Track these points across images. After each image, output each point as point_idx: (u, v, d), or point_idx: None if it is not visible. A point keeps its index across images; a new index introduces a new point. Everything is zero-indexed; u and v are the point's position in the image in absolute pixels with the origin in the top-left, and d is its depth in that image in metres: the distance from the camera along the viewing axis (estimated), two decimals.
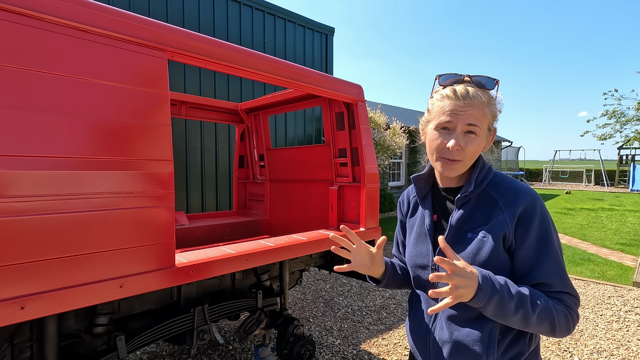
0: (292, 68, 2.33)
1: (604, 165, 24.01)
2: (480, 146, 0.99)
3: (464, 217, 1.01)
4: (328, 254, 3.14)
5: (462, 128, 0.95)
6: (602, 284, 4.86)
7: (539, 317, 0.88)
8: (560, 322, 0.89)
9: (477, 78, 0.97)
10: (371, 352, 3.12)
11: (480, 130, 0.96)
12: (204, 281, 2.31)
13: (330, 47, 8.35)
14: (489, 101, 0.98)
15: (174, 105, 3.45)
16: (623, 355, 3.08)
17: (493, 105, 0.99)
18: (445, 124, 0.97)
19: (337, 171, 3.10)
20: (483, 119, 0.96)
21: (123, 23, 1.58)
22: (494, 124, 1.01)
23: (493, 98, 0.99)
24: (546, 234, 0.94)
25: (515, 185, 0.98)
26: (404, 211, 1.24)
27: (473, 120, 0.94)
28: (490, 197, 0.99)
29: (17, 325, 1.61)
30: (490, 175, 1.02)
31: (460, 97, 0.95)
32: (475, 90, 0.96)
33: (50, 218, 1.35)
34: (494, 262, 0.94)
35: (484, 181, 1.01)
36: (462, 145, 0.95)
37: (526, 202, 0.94)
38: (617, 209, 12.16)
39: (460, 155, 0.97)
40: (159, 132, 1.66)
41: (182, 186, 5.82)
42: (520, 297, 0.87)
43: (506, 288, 0.88)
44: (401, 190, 11.99)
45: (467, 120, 0.94)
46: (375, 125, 8.10)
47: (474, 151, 0.97)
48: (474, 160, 1.00)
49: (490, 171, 1.03)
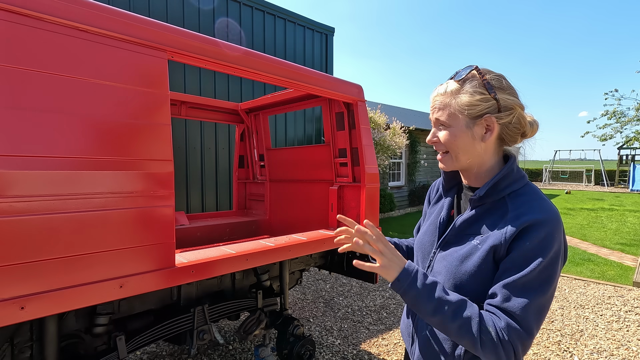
0: (292, 68, 2.33)
1: (604, 165, 24.01)
2: (457, 137, 0.95)
3: (471, 219, 0.98)
4: (328, 254, 3.13)
5: (434, 122, 1.01)
6: (602, 284, 4.86)
7: (460, 331, 0.84)
8: (485, 346, 0.82)
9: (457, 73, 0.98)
10: (371, 352, 3.11)
11: (447, 120, 0.96)
12: (204, 281, 2.31)
13: (330, 47, 8.35)
14: (459, 91, 0.94)
15: (174, 105, 3.45)
16: (623, 355, 3.08)
17: (465, 93, 0.93)
18: (432, 122, 1.03)
19: (337, 171, 3.10)
20: (446, 108, 0.96)
21: (123, 23, 1.58)
22: (476, 111, 0.93)
23: (464, 86, 0.94)
24: (535, 255, 0.84)
25: (536, 203, 0.90)
26: (431, 197, 1.23)
27: (438, 112, 0.98)
28: (505, 207, 0.93)
29: (17, 325, 1.61)
30: (517, 186, 0.95)
31: (434, 97, 1.00)
32: (445, 85, 0.98)
33: (51, 218, 1.35)
34: (480, 272, 0.91)
35: (506, 189, 0.94)
36: (438, 137, 0.99)
37: (534, 219, 0.86)
38: (617, 209, 12.16)
39: (441, 147, 1.00)
40: (159, 132, 1.66)
41: (182, 186, 5.82)
42: (441, 303, 0.86)
43: (428, 290, 0.88)
44: (401, 190, 11.99)
45: (434, 114, 0.99)
46: (375, 125, 8.10)
47: (450, 142, 0.97)
48: (467, 154, 0.97)
49: (518, 182, 0.95)
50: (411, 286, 0.89)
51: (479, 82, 0.94)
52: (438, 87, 1.00)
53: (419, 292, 0.88)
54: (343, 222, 1.05)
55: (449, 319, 0.85)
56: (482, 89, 0.93)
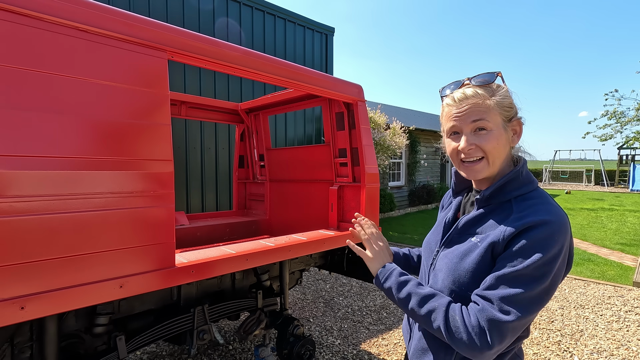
0: (292, 68, 2.33)
1: (604, 165, 24.01)
2: (499, 140, 0.93)
3: (475, 219, 0.99)
4: (328, 254, 3.14)
5: (469, 127, 0.94)
6: (602, 284, 4.86)
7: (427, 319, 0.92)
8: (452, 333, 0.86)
9: (476, 77, 0.97)
10: (371, 352, 3.11)
11: (490, 123, 0.92)
12: (204, 281, 2.31)
13: (330, 47, 8.35)
14: (494, 93, 0.94)
15: (174, 105, 3.45)
16: (623, 355, 3.08)
17: (500, 96, 0.94)
18: (453, 129, 0.98)
19: (337, 171, 3.09)
20: (488, 111, 0.93)
21: (123, 23, 1.58)
22: (511, 114, 0.95)
23: (498, 88, 0.95)
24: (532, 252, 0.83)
25: (543, 207, 0.89)
26: (444, 203, 1.25)
27: (477, 115, 0.93)
28: (509, 209, 0.93)
29: (17, 325, 1.61)
30: (525, 189, 0.94)
31: (459, 101, 0.96)
32: (474, 88, 0.95)
33: (51, 218, 1.35)
34: (479, 269, 0.91)
35: (512, 192, 0.94)
36: (477, 143, 0.94)
37: (538, 220, 0.85)
38: (617, 209, 12.16)
39: (478, 153, 0.94)
40: (159, 132, 1.66)
41: (182, 186, 5.82)
42: (409, 295, 0.97)
43: (400, 284, 1.00)
44: (401, 190, 11.99)
45: (470, 117, 0.94)
46: (375, 125, 8.10)
47: (492, 146, 0.93)
48: (501, 157, 0.96)
49: (526, 186, 0.95)
50: (387, 280, 1.04)
51: (506, 87, 0.97)
52: (455, 94, 0.97)
53: (392, 285, 1.02)
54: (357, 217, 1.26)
55: (417, 309, 0.94)
56: (509, 94, 0.97)
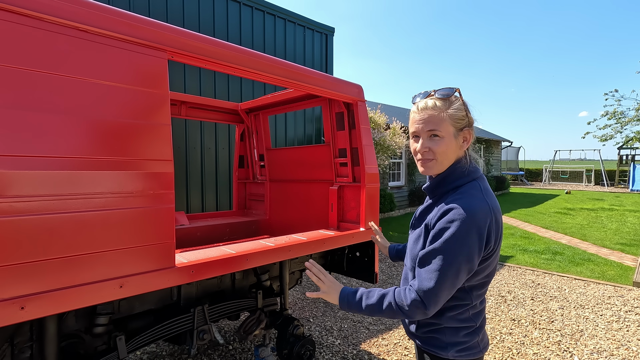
0: (292, 68, 2.33)
1: (604, 165, 24.01)
2: (448, 146, 1.16)
3: (426, 208, 1.26)
4: (328, 254, 3.14)
5: (425, 134, 1.17)
6: (602, 284, 4.86)
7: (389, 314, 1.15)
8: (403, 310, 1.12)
9: (439, 90, 1.17)
10: (371, 352, 3.12)
11: (442, 132, 1.15)
12: (204, 281, 2.31)
13: (330, 47, 8.35)
14: (450, 105, 1.15)
15: (174, 105, 3.45)
16: (623, 355, 3.08)
17: (454, 109, 1.15)
18: (415, 133, 1.20)
19: (337, 171, 3.10)
20: (441, 122, 1.14)
21: (123, 23, 1.58)
22: (462, 124, 1.17)
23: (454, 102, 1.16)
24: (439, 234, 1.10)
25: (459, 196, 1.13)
26: None
27: (432, 125, 1.15)
28: (445, 199, 1.16)
29: (17, 325, 1.61)
30: (460, 182, 1.17)
31: (421, 109, 1.17)
32: (434, 100, 1.16)
33: (51, 218, 1.35)
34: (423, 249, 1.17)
35: (450, 184, 1.19)
36: (430, 147, 1.16)
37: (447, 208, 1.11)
38: (617, 209, 12.17)
39: (430, 155, 1.18)
40: (159, 132, 1.66)
41: (182, 186, 5.82)
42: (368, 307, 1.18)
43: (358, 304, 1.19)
44: (401, 190, 12.00)
45: (427, 127, 1.16)
46: (375, 125, 8.10)
47: (441, 150, 1.16)
48: (449, 158, 1.18)
49: (461, 179, 1.18)
50: (349, 306, 1.22)
51: (461, 101, 1.17)
52: (419, 103, 1.19)
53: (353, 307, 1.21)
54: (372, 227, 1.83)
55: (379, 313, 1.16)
56: (463, 107, 1.17)
